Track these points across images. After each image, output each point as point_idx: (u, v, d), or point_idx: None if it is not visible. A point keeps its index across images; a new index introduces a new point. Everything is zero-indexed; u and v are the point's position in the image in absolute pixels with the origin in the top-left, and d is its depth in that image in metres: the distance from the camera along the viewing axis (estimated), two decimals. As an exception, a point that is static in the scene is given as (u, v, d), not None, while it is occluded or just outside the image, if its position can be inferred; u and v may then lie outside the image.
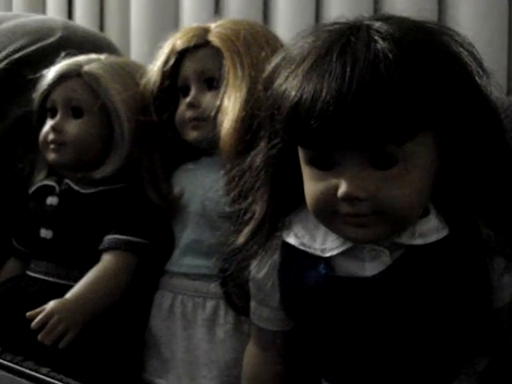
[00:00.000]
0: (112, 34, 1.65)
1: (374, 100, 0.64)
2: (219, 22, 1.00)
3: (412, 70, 0.65)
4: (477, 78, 0.70)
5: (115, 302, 0.99)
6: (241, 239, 0.79)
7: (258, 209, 0.77)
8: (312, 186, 0.71)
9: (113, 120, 1.04)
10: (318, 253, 0.74)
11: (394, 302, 0.72)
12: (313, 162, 0.70)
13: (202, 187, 0.99)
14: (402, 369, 0.75)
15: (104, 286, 0.98)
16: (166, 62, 1.01)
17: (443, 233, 0.71)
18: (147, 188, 1.04)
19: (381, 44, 0.65)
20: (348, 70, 0.64)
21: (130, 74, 1.07)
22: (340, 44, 0.67)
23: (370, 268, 0.72)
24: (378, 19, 0.70)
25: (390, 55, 0.65)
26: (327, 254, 0.73)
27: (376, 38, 0.66)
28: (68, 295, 0.95)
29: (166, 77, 1.01)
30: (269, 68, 0.73)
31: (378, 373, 0.75)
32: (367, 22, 0.69)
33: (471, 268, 0.71)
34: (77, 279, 0.99)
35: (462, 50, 0.70)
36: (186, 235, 1.00)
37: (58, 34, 1.26)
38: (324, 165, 0.69)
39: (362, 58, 0.65)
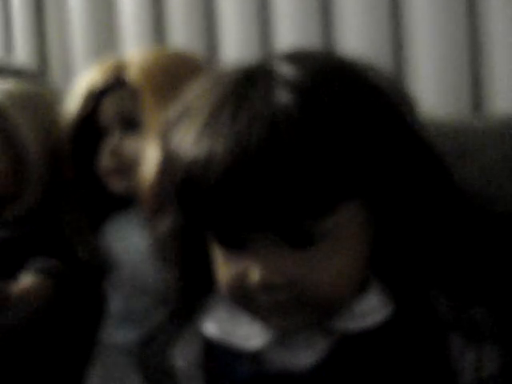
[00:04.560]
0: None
1: (274, 170, 0.52)
2: (138, 56, 0.88)
3: (321, 128, 0.53)
4: (411, 124, 0.59)
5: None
6: (157, 320, 0.67)
7: (172, 286, 0.65)
8: (222, 268, 0.59)
9: (23, 156, 0.92)
10: (241, 343, 0.61)
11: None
12: (220, 241, 0.58)
13: (129, 245, 0.87)
14: None
15: None
16: (84, 104, 0.89)
17: (386, 311, 0.59)
18: (73, 241, 0.92)
19: (283, 97, 0.54)
20: (242, 132, 0.53)
21: (43, 105, 0.95)
22: (235, 97, 0.55)
23: (304, 357, 0.60)
24: (288, 58, 0.58)
25: (293, 112, 0.53)
26: (251, 345, 0.61)
27: (278, 89, 0.54)
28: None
29: (83, 120, 0.89)
30: (164, 122, 0.61)
31: None
32: (272, 67, 0.57)
33: (425, 350, 0.59)
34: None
35: (390, 89, 0.58)
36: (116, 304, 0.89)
37: None
38: (233, 243, 0.57)
39: (259, 117, 0.53)
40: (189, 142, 0.55)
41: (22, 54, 1.58)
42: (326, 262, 0.56)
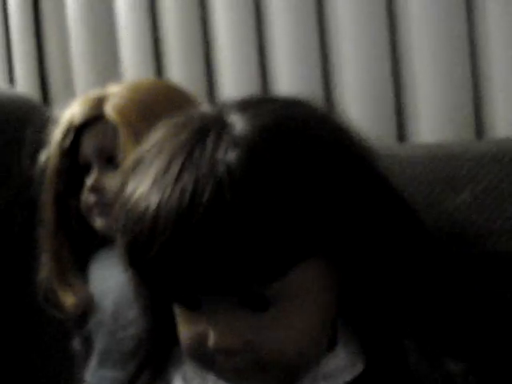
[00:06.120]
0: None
1: (217, 233, 0.49)
2: (117, 90, 0.85)
3: (266, 189, 0.50)
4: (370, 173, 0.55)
5: None
6: (134, 366, 0.64)
7: (145, 335, 0.63)
8: (181, 327, 0.56)
9: None
10: None
11: None
12: (175, 301, 0.56)
13: (110, 284, 0.85)
14: None
15: None
16: (63, 138, 0.87)
17: (355, 370, 0.55)
18: (58, 289, 0.88)
19: (229, 156, 0.51)
20: (186, 193, 0.50)
21: None
22: (183, 154, 0.52)
23: None
24: (244, 109, 0.55)
25: (237, 172, 0.50)
26: None
27: (225, 146, 0.51)
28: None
29: (65, 155, 0.87)
30: (122, 171, 0.59)
31: None
32: (225, 119, 0.54)
33: None
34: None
35: (347, 136, 0.55)
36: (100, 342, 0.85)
37: None
38: (188, 304, 0.54)
39: (203, 178, 0.50)
40: (137, 197, 0.53)
41: (23, 85, 1.58)
42: (284, 324, 0.52)
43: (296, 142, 0.52)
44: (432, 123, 1.01)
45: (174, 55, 1.29)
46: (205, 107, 0.58)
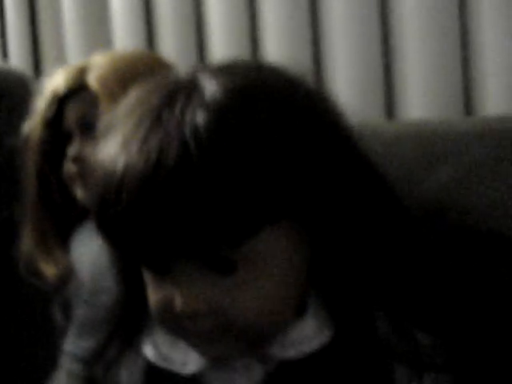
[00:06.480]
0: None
1: (182, 195, 0.49)
2: (99, 58, 0.85)
3: (232, 151, 0.49)
4: (344, 141, 0.55)
5: None
6: (102, 340, 0.64)
7: (116, 308, 0.63)
8: (150, 292, 0.56)
9: None
10: (178, 368, 0.58)
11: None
12: (143, 264, 0.55)
13: (89, 253, 0.84)
14: None
15: None
16: (47, 108, 0.86)
17: (322, 338, 0.55)
18: (39, 260, 0.88)
19: (196, 117, 0.50)
20: (152, 154, 0.50)
21: None
22: (151, 116, 0.52)
23: (240, 382, 0.56)
24: (215, 72, 0.54)
25: (204, 133, 0.49)
26: (186, 371, 0.58)
27: (193, 108, 0.51)
28: None
29: (48, 125, 0.87)
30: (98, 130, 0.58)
31: None
32: (196, 82, 0.53)
33: (366, 377, 0.54)
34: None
35: (321, 103, 0.55)
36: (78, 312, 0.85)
37: None
38: (156, 267, 0.54)
39: (170, 139, 0.49)
40: (105, 159, 0.52)
41: (16, 59, 1.57)
42: (251, 288, 0.52)
43: (265, 106, 0.51)
44: (421, 100, 1.01)
45: (166, 27, 1.28)
46: (179, 72, 0.57)
